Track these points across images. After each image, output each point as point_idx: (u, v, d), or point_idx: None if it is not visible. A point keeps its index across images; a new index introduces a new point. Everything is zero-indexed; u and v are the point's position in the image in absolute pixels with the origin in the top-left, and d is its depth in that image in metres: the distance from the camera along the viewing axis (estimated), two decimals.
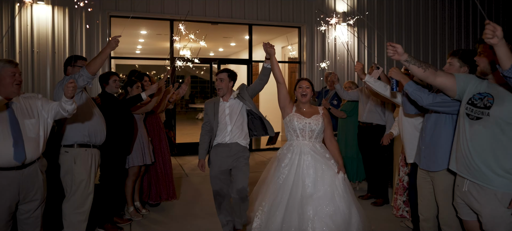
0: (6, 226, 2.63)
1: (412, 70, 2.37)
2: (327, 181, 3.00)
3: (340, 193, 2.99)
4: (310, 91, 3.27)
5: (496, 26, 1.87)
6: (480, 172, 2.21)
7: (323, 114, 3.26)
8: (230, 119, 3.43)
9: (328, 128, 3.26)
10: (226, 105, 3.46)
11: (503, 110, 2.16)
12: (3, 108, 2.61)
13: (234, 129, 3.41)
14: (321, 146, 3.21)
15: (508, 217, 2.12)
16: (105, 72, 4.09)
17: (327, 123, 3.25)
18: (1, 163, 2.53)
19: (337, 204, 2.94)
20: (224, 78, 3.45)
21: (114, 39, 3.02)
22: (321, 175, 3.02)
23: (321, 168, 3.05)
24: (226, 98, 3.48)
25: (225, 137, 3.42)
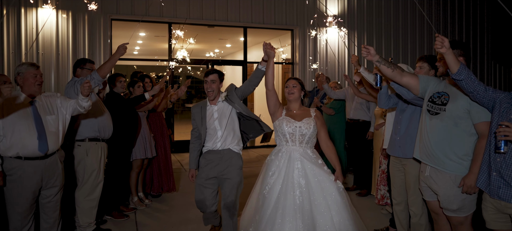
0: (31, 208, 3.00)
1: (382, 69, 2.76)
2: (321, 191, 2.74)
3: (336, 205, 2.72)
4: (298, 90, 3.00)
5: (444, 38, 2.27)
6: (438, 159, 2.62)
7: (316, 116, 2.98)
8: (219, 123, 3.21)
9: (322, 131, 2.98)
10: (214, 109, 3.24)
11: (456, 106, 2.57)
12: (28, 106, 2.98)
13: (226, 134, 3.20)
14: (313, 151, 2.94)
15: (459, 195, 2.53)
16: (112, 75, 4.46)
17: (320, 125, 2.97)
18: (28, 153, 2.90)
19: (332, 218, 2.67)
20: (216, 79, 3.23)
21: (122, 46, 3.40)
22: (314, 185, 2.76)
23: (314, 177, 2.79)
24: (214, 102, 3.25)
25: (216, 143, 3.20)
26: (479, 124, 2.50)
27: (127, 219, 4.21)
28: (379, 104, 3.28)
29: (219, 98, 3.25)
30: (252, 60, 10.18)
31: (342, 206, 2.72)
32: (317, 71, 7.57)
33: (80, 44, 7.47)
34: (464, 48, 2.62)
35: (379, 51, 9.56)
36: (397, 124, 3.19)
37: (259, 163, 7.35)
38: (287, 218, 2.65)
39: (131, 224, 4.09)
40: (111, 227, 3.94)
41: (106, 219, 4.10)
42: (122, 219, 4.18)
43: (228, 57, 13.91)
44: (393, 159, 3.27)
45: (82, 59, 3.76)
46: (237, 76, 12.00)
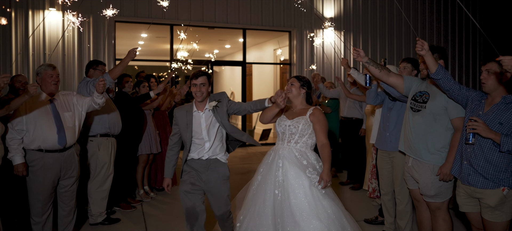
0: (50, 197, 3.30)
1: (371, 70, 3.05)
2: (302, 192, 2.67)
3: (317, 207, 2.64)
4: (296, 88, 2.93)
5: (424, 42, 2.58)
6: (419, 151, 2.92)
7: (311, 115, 2.86)
8: (207, 133, 2.91)
9: (318, 132, 2.84)
10: (202, 116, 2.92)
11: (435, 104, 2.88)
12: (47, 104, 3.27)
13: (215, 145, 2.94)
14: (302, 152, 2.83)
15: (437, 182, 2.83)
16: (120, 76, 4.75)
17: (316, 125, 2.84)
18: (48, 146, 3.19)
19: (312, 220, 2.59)
20: (205, 82, 2.91)
21: (133, 51, 3.70)
22: (294, 184, 2.70)
23: (294, 177, 2.72)
24: (201, 108, 2.93)
25: (202, 154, 2.93)
26: (455, 119, 2.80)
27: (134, 210, 4.50)
28: (367, 100, 3.59)
29: (206, 105, 2.92)
30: (251, 61, 10.49)
31: (327, 208, 2.64)
32: (313, 72, 7.87)
33: (85, 45, 7.76)
34: (441, 52, 2.93)
35: (374, 52, 9.90)
36: (386, 120, 3.49)
37: (257, 158, 7.64)
38: (264, 217, 2.69)
39: (138, 215, 4.38)
40: (120, 217, 4.22)
41: (115, 210, 4.39)
42: (129, 210, 4.47)
43: (227, 58, 14.21)
44: (381, 153, 3.58)
45: (95, 60, 4.05)
46: (237, 77, 12.31)
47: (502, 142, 2.34)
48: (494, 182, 2.42)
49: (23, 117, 3.15)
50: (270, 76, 11.75)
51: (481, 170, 2.46)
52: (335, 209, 2.68)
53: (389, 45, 10.10)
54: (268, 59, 11.72)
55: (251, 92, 12.58)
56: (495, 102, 2.49)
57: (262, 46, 12.05)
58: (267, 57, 11.83)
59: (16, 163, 3.12)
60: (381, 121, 3.61)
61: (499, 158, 2.42)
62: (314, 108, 2.91)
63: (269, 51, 11.65)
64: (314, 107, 2.92)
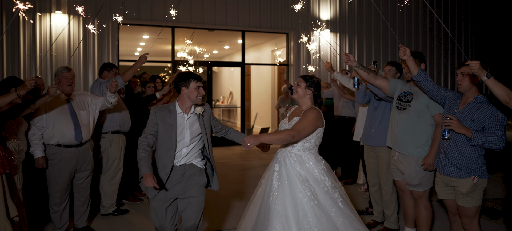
0: (67, 188, 3.60)
1: (359, 73, 3.37)
2: (290, 196, 2.61)
3: (309, 212, 2.55)
4: (302, 89, 2.84)
5: (406, 48, 2.90)
6: (406, 146, 3.24)
7: (303, 113, 2.80)
8: (190, 138, 2.76)
9: (297, 122, 2.76)
10: (186, 119, 2.77)
11: (419, 103, 3.20)
12: (65, 103, 3.57)
13: (192, 151, 2.80)
14: (298, 156, 2.75)
15: (421, 172, 3.16)
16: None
17: (301, 118, 2.77)
18: (66, 141, 3.50)
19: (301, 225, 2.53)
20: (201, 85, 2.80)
21: (143, 56, 4.00)
22: (283, 187, 2.66)
23: (284, 180, 2.68)
24: (186, 110, 2.78)
25: (179, 159, 2.75)
26: (436, 115, 3.14)
27: (141, 202, 4.81)
28: (356, 100, 3.92)
29: (193, 109, 2.80)
30: (249, 62, 10.82)
31: (317, 213, 2.55)
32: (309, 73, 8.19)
33: (90, 47, 8.05)
34: (420, 57, 3.25)
35: (369, 53, 10.24)
36: (372, 118, 3.82)
37: (255, 155, 7.96)
38: (262, 219, 2.64)
39: (145, 206, 4.68)
40: (128, 209, 4.53)
41: (123, 202, 4.70)
42: (137, 202, 4.78)
43: (226, 59, 14.51)
44: (367, 148, 3.91)
45: (109, 63, 4.38)
46: (235, 77, 12.63)
47: (473, 136, 2.66)
48: (466, 172, 2.75)
49: (43, 115, 3.46)
50: (268, 76, 12.08)
51: (456, 162, 2.78)
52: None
53: (384, 46, 10.44)
54: (266, 60, 12.04)
55: (250, 92, 12.90)
56: (468, 102, 2.81)
57: (260, 48, 12.37)
58: (265, 58, 12.15)
59: (37, 156, 3.42)
60: (367, 119, 3.93)
61: (471, 151, 2.74)
62: (311, 108, 2.80)
63: (267, 52, 11.98)
64: (311, 107, 2.80)
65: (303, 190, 2.62)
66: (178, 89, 2.77)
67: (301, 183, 2.65)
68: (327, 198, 2.64)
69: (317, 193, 2.64)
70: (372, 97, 3.81)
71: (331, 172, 2.84)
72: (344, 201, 2.72)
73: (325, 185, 2.69)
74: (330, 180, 2.74)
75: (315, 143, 2.81)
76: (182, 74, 2.79)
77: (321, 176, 2.72)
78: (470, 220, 2.80)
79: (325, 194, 2.65)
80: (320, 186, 2.67)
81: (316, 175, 2.72)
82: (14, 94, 2.77)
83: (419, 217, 3.29)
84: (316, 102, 2.90)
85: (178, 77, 2.79)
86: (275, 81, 11.64)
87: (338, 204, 2.65)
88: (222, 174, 6.14)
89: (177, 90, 2.80)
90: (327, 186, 2.69)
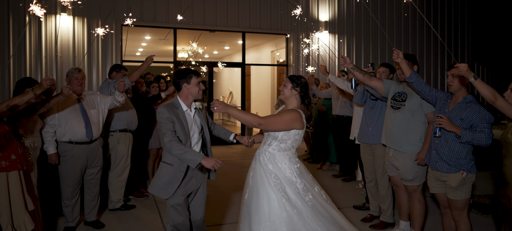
0: (78, 183, 3.78)
1: (356, 75, 3.56)
2: (262, 192, 2.65)
3: (279, 209, 2.58)
4: (288, 89, 2.83)
5: (399, 52, 3.08)
6: (400, 143, 3.43)
7: (283, 110, 2.85)
8: (198, 132, 2.87)
9: (272, 115, 2.86)
10: (192, 115, 2.86)
11: (413, 102, 3.39)
12: (76, 103, 3.75)
13: (197, 146, 2.87)
14: (272, 155, 2.75)
15: (414, 168, 3.36)
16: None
17: (277, 113, 2.86)
18: (77, 139, 3.68)
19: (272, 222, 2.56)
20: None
21: (150, 58, 4.17)
22: (257, 183, 2.70)
23: (257, 176, 2.73)
24: (189, 106, 2.84)
25: None
26: (429, 114, 3.33)
27: (146, 198, 4.99)
28: (354, 100, 4.11)
29: (193, 104, 2.88)
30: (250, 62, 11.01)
31: (285, 211, 2.56)
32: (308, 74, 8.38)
33: (94, 47, 8.23)
34: (413, 59, 3.44)
35: (366, 55, 10.44)
36: (368, 117, 4.01)
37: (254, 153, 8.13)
38: (242, 215, 2.73)
39: (150, 202, 4.86)
40: (135, 204, 4.71)
41: (130, 198, 4.88)
42: (142, 198, 4.96)
43: (226, 59, 14.70)
44: (364, 146, 4.10)
45: (118, 65, 4.56)
46: (235, 77, 12.81)
47: (462, 134, 2.84)
48: (455, 167, 2.93)
49: (56, 114, 3.64)
50: (267, 77, 12.26)
51: (446, 158, 2.97)
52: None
53: (381, 47, 10.63)
54: (266, 60, 12.23)
55: (250, 92, 13.09)
56: (458, 102, 3.00)
57: (260, 48, 12.56)
58: (264, 58, 12.34)
59: (50, 153, 3.60)
60: (363, 118, 4.12)
61: (460, 148, 2.93)
62: (291, 109, 2.79)
63: (266, 53, 12.17)
64: (292, 109, 2.79)
65: (274, 187, 2.63)
66: (178, 86, 2.80)
67: (273, 180, 2.67)
68: (298, 199, 2.63)
69: (288, 192, 2.64)
70: (368, 97, 4.00)
71: (307, 175, 2.80)
72: (318, 203, 2.67)
73: (296, 187, 2.68)
74: (303, 183, 2.72)
75: (292, 144, 2.78)
76: (181, 71, 2.82)
77: (293, 177, 2.71)
78: (459, 212, 2.99)
79: (296, 195, 2.64)
80: (291, 188, 2.66)
81: (287, 176, 2.71)
82: (31, 93, 2.94)
83: (413, 210, 3.48)
84: (303, 103, 2.87)
85: (178, 74, 2.81)
86: (274, 82, 11.82)
87: (307, 205, 2.62)
88: (224, 172, 6.32)
89: (176, 88, 2.83)
90: (298, 188, 2.68)
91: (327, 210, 2.68)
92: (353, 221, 4.17)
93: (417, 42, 11.02)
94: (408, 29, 10.91)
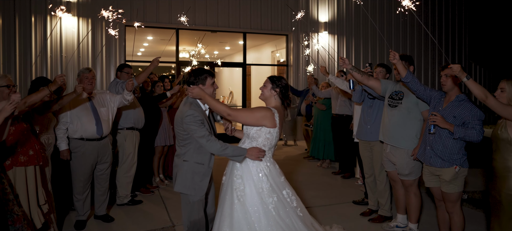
0: (89, 178, 3.95)
1: (354, 75, 3.72)
2: (228, 190, 2.76)
3: (235, 207, 2.66)
4: (268, 90, 2.90)
5: (395, 53, 3.25)
6: (397, 139, 3.60)
7: (257, 106, 2.89)
8: (213, 128, 3.03)
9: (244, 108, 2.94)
10: (207, 112, 2.98)
11: (409, 100, 3.57)
12: (87, 101, 3.92)
13: None
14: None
15: (411, 163, 3.53)
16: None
17: (249, 108, 2.99)
18: (88, 135, 3.84)
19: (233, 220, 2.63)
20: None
21: (156, 60, 4.32)
22: (227, 180, 2.83)
23: (228, 174, 2.86)
24: (203, 104, 2.94)
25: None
26: (424, 111, 3.51)
27: (152, 194, 5.15)
28: (353, 99, 4.28)
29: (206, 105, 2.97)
30: (250, 62, 11.17)
31: (247, 212, 2.63)
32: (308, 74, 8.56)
33: (98, 48, 8.39)
34: (409, 59, 3.62)
35: (365, 54, 10.62)
36: (367, 115, 4.18)
37: None
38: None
39: (156, 198, 5.03)
40: (142, 199, 4.87)
41: (136, 194, 5.04)
42: (149, 193, 5.12)
43: (227, 59, 14.85)
44: (362, 143, 4.27)
45: (122, 64, 4.72)
46: (235, 77, 12.97)
47: (455, 131, 3.01)
48: (449, 162, 3.10)
49: (68, 112, 3.80)
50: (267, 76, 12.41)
51: (440, 153, 3.14)
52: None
53: (380, 47, 10.81)
54: (266, 60, 12.40)
55: (250, 92, 13.24)
56: (451, 100, 3.17)
57: (260, 48, 12.72)
58: (264, 58, 12.50)
59: (62, 149, 3.77)
60: (361, 116, 4.29)
61: (453, 144, 3.10)
62: (265, 107, 2.85)
63: (266, 53, 12.33)
64: (266, 107, 2.85)
65: (237, 185, 2.71)
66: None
67: (235, 178, 2.74)
68: (257, 199, 2.66)
69: (247, 192, 2.67)
70: (366, 96, 4.17)
71: (278, 177, 2.80)
72: (283, 207, 2.68)
73: (261, 186, 2.70)
74: (269, 183, 2.72)
75: (263, 143, 2.79)
76: (196, 72, 2.91)
77: (259, 176, 2.73)
78: (453, 204, 3.16)
79: (257, 195, 2.67)
80: (257, 186, 2.69)
81: (253, 175, 2.73)
82: (46, 90, 3.10)
83: (409, 203, 3.65)
84: (283, 104, 2.92)
85: (193, 74, 2.89)
86: None
87: (269, 208, 2.64)
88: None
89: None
90: (262, 188, 2.69)
91: (291, 218, 2.67)
92: (353, 215, 4.36)
93: (415, 43, 11.21)
94: (405, 31, 11.10)
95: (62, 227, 3.94)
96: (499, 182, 2.73)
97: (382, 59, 10.77)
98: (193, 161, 2.83)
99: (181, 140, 2.87)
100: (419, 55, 11.25)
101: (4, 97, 2.98)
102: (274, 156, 2.92)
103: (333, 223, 3.80)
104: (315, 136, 7.00)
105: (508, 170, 2.69)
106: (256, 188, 2.69)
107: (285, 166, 6.94)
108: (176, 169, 2.92)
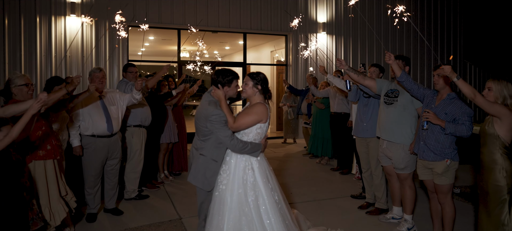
0: (100, 173, 4.14)
1: (351, 75, 3.94)
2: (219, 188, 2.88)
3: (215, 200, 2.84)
4: (250, 87, 2.96)
5: (390, 54, 3.46)
6: (394, 135, 3.81)
7: (251, 105, 2.98)
8: None
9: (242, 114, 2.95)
10: None
11: (404, 97, 3.78)
12: (98, 100, 4.11)
13: None
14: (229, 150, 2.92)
15: (406, 157, 3.74)
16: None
17: (247, 110, 2.96)
18: (99, 132, 4.03)
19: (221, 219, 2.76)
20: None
21: (167, 66, 4.52)
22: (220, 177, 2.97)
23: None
24: None
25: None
26: (419, 108, 3.73)
27: (158, 189, 5.35)
28: (349, 98, 4.49)
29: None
30: (250, 62, 11.37)
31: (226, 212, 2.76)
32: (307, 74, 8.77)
33: (101, 48, 8.57)
34: (406, 60, 3.83)
35: (362, 55, 10.84)
36: (363, 113, 4.39)
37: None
38: None
39: (162, 193, 5.23)
40: (148, 194, 5.07)
41: (143, 189, 5.23)
42: (154, 189, 5.32)
43: (226, 59, 15.05)
44: (359, 140, 4.49)
45: (126, 64, 4.92)
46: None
47: (446, 126, 3.22)
48: (441, 156, 3.32)
49: (80, 110, 3.99)
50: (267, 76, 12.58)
51: (432, 148, 3.35)
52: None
53: (377, 47, 11.04)
54: (265, 60, 12.60)
55: None
56: (443, 98, 3.38)
57: (260, 48, 12.92)
58: (264, 58, 12.71)
59: (75, 145, 3.96)
60: (357, 114, 4.50)
61: (445, 139, 3.31)
62: (258, 102, 2.92)
63: (266, 53, 12.54)
64: (259, 102, 2.92)
65: (222, 179, 2.86)
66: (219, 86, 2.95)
67: (222, 172, 2.88)
68: (240, 192, 2.78)
69: (229, 184, 2.81)
70: (361, 95, 4.38)
71: (264, 173, 2.89)
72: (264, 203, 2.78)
73: (247, 179, 2.81)
74: (253, 177, 2.82)
75: (253, 137, 2.88)
76: (224, 73, 2.95)
77: (245, 171, 2.83)
78: (444, 195, 3.38)
79: (242, 186, 2.79)
80: (243, 179, 2.81)
81: (239, 169, 2.83)
82: (64, 90, 3.28)
83: (404, 195, 3.87)
84: (265, 97, 3.00)
85: (221, 75, 2.94)
86: (274, 81, 12.20)
87: (248, 200, 2.76)
88: None
89: (217, 87, 2.95)
90: (246, 181, 2.81)
91: (270, 218, 2.76)
92: (351, 208, 4.57)
93: (411, 45, 11.44)
94: (401, 33, 11.33)
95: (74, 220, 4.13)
96: (486, 173, 2.95)
97: (379, 60, 11.00)
98: (209, 157, 2.91)
99: (202, 135, 2.95)
100: (415, 57, 11.49)
101: (23, 96, 3.17)
102: (274, 153, 3.11)
103: (333, 216, 3.99)
104: (314, 133, 7.22)
105: (494, 162, 2.90)
106: (242, 182, 2.81)
107: (285, 163, 7.16)
108: (192, 159, 3.07)
